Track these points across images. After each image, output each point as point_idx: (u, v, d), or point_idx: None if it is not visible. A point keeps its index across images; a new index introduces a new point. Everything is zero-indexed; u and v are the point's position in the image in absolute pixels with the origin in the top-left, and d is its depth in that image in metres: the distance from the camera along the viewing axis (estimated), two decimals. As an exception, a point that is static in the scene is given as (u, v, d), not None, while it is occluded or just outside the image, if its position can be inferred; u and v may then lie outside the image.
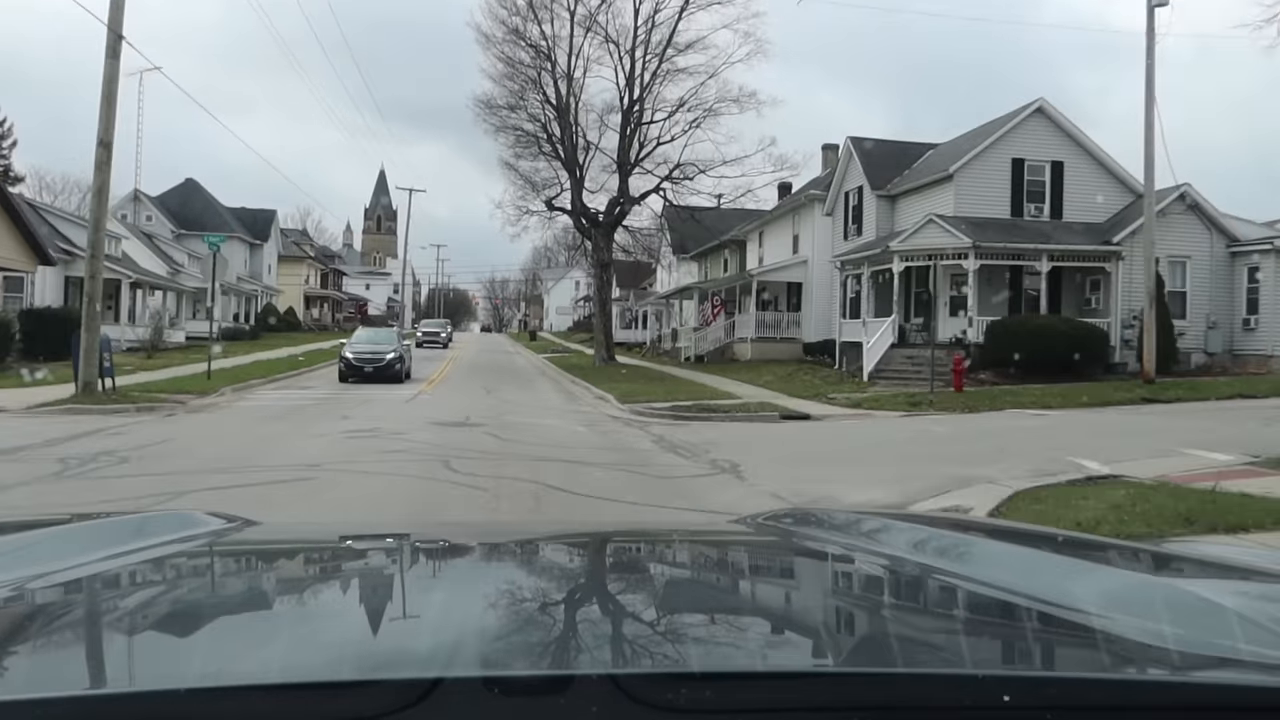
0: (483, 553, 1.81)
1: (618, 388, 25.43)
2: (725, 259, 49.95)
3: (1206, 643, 1.09)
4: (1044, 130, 27.85)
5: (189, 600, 1.41)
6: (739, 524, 2.48)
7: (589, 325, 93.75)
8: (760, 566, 1.83)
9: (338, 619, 1.29)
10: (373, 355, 26.29)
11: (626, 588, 1.58)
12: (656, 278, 67.12)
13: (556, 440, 13.54)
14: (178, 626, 1.23)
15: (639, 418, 18.80)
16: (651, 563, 1.84)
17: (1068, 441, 13.17)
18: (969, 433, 14.99)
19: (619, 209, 36.43)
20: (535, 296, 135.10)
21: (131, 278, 40.23)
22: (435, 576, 1.64)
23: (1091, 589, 1.37)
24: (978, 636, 1.26)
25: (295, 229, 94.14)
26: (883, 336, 26.37)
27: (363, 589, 1.52)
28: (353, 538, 2.03)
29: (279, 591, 1.51)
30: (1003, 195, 27.63)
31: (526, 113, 36.74)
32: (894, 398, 21.51)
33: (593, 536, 2.19)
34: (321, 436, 13.17)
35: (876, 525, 2.07)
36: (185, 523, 1.87)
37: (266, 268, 70.86)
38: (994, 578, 1.46)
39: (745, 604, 1.46)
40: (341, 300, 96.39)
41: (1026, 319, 25.16)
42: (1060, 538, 2.13)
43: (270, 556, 1.82)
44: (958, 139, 31.49)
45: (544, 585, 1.52)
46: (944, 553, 1.74)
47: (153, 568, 1.53)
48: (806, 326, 36.69)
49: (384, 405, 19.03)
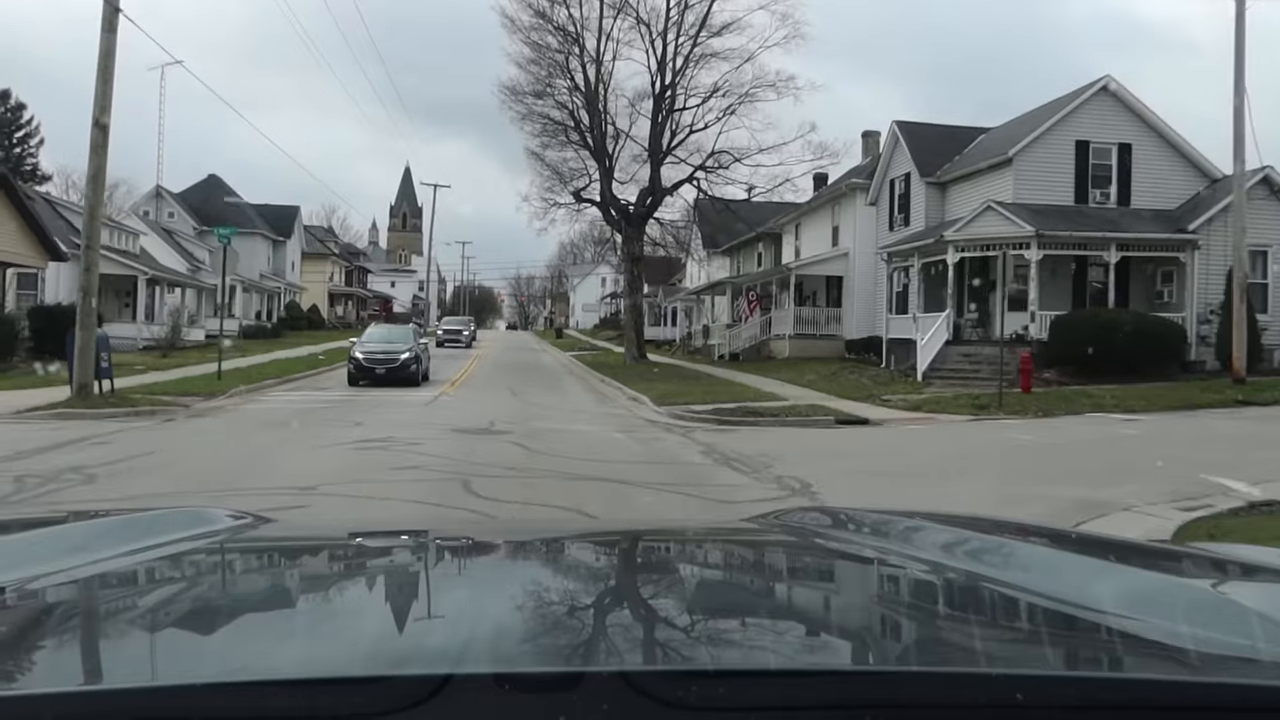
0: (496, 550, 1.81)
1: (652, 388, 23.78)
2: (759, 253, 48.13)
3: (1225, 642, 1.07)
4: (1110, 110, 25.87)
5: (201, 597, 1.40)
6: (752, 521, 2.51)
7: (615, 322, 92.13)
8: (773, 564, 1.81)
9: (350, 615, 1.27)
10: (385, 355, 23.85)
11: (638, 585, 1.56)
12: (686, 273, 65.39)
13: (592, 451, 11.91)
14: (190, 623, 1.23)
15: (679, 422, 17.15)
16: (663, 560, 1.83)
17: (1183, 454, 11.38)
18: (1062, 443, 13.20)
19: (650, 200, 34.73)
20: (561, 294, 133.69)
21: (148, 274, 39.07)
22: (448, 573, 1.64)
23: (1110, 588, 1.34)
24: (990, 635, 1.22)
25: (320, 226, 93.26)
26: (936, 333, 24.54)
27: (375, 586, 1.53)
28: (366, 535, 2.05)
29: (291, 588, 1.52)
30: (1065, 180, 25.68)
31: (554, 99, 35.17)
32: (955, 399, 19.71)
33: (606, 535, 2.21)
34: (326, 448, 11.61)
35: (891, 522, 2.02)
36: (199, 519, 1.86)
37: (290, 265, 69.84)
38: (1009, 576, 1.46)
39: (757, 601, 1.44)
40: (366, 298, 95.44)
41: (1095, 313, 23.24)
42: (1076, 535, 2.19)
43: (283, 554, 1.81)
44: (1014, 121, 29.54)
45: (556, 582, 1.52)
46: (959, 550, 1.70)
47: (166, 564, 1.52)
48: (848, 323, 34.85)
49: (401, 409, 17.48)
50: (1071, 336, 22.60)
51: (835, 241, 36.44)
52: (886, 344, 28.63)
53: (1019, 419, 17.09)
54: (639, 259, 35.57)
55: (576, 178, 36.60)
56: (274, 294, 63.51)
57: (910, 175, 30.33)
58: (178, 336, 38.43)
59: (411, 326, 29.29)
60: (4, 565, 1.36)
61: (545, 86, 35.01)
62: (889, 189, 31.94)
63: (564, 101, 35.33)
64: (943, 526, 1.90)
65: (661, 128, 34.66)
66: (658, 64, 34.58)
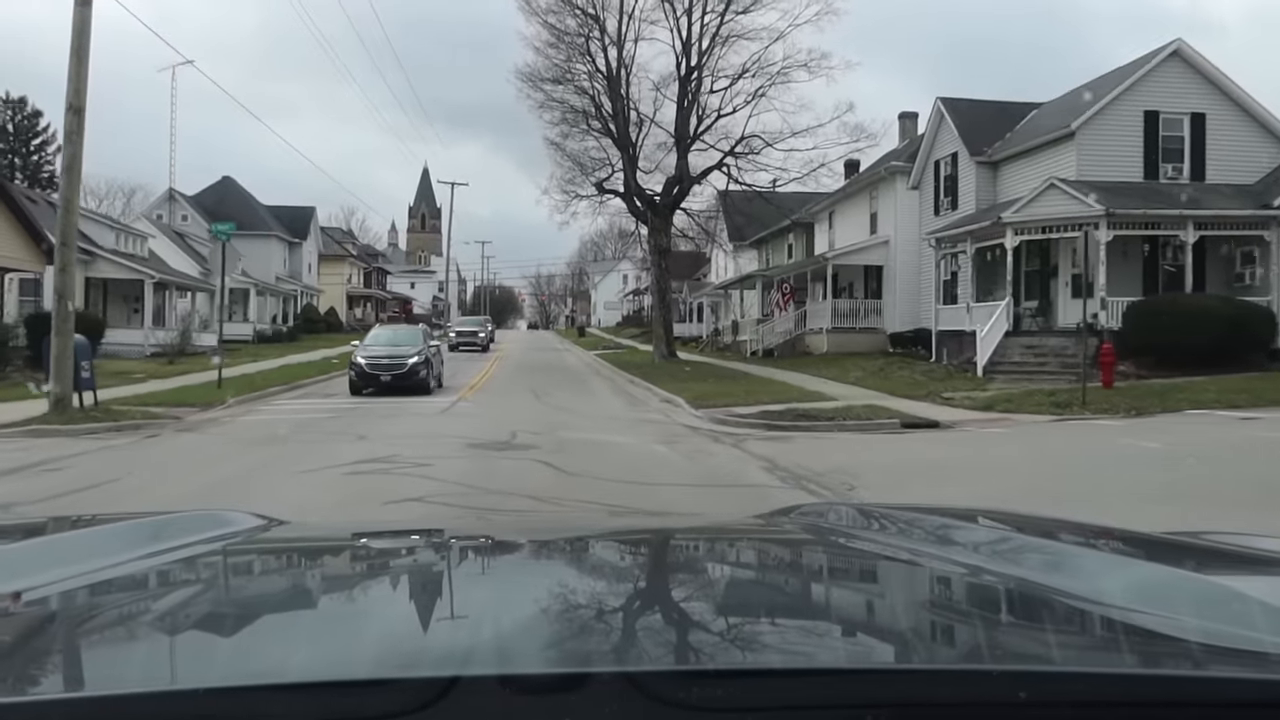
0: (507, 550, 1.80)
1: (686, 388, 21.89)
2: (789, 244, 46.07)
3: (1232, 635, 1.05)
4: (1181, 77, 23.69)
5: (210, 601, 1.41)
6: (764, 518, 2.41)
7: (639, 319, 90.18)
8: (781, 562, 1.81)
9: (359, 617, 1.27)
10: (391, 360, 21.31)
11: (646, 584, 1.57)
12: (711, 268, 63.37)
13: (634, 470, 10.04)
14: (198, 626, 1.22)
15: (723, 429, 15.25)
16: (672, 558, 1.82)
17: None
18: (1194, 450, 11.16)
19: (677, 189, 32.78)
20: (582, 291, 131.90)
21: (155, 277, 37.58)
22: (458, 574, 1.62)
23: (1118, 582, 1.32)
24: (997, 631, 1.23)
25: (337, 228, 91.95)
26: (995, 324, 22.48)
27: (385, 587, 1.55)
28: (377, 535, 2.05)
29: (301, 591, 1.52)
30: (1133, 154, 23.54)
31: (574, 85, 33.29)
32: (1028, 397, 17.68)
33: (616, 533, 2.18)
34: (316, 472, 9.79)
35: (900, 518, 2.00)
36: (217, 522, 1.86)
37: (306, 267, 68.43)
38: (1017, 571, 1.45)
39: (764, 600, 1.43)
40: (385, 299, 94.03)
41: (1175, 299, 21.10)
42: (1088, 528, 1.98)
43: (294, 557, 1.80)
44: (1072, 93, 27.37)
45: (565, 582, 1.50)
46: (968, 545, 1.68)
47: (176, 569, 1.53)
48: (889, 314, 32.80)
49: (412, 420, 15.68)
50: (1150, 325, 20.51)
51: (874, 229, 34.37)
52: (936, 336, 26.58)
53: (1110, 418, 15.07)
54: (666, 251, 33.61)
55: (599, 168, 34.75)
56: (290, 297, 62.08)
57: (957, 155, 28.24)
58: (188, 342, 36.93)
59: (421, 328, 26.67)
60: (22, 570, 1.37)
61: (564, 72, 33.18)
62: (933, 171, 29.85)
63: (584, 87, 33.50)
64: (954, 521, 1.92)
65: (688, 113, 32.71)
66: (683, 45, 32.66)
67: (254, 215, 62.38)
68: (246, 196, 65.16)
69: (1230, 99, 23.75)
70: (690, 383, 23.67)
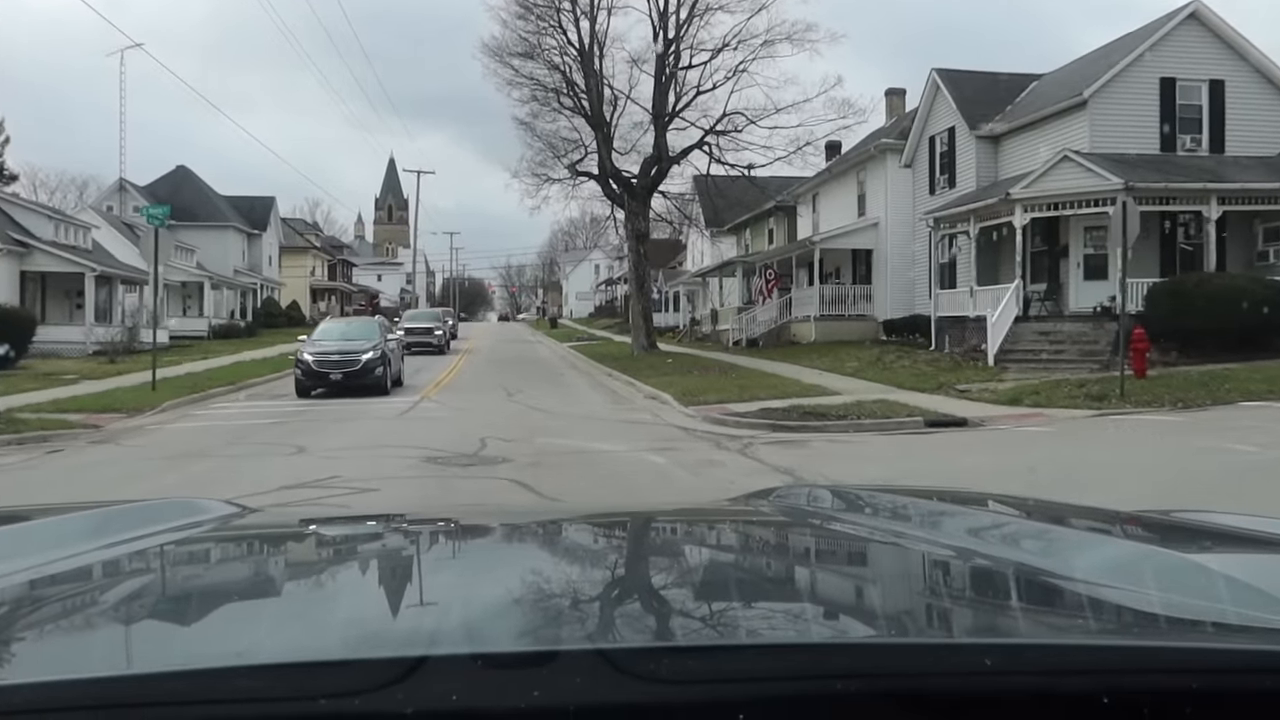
0: (480, 535, 1.82)
1: (672, 383, 20.02)
2: (770, 229, 44.30)
3: (1194, 606, 1.09)
4: (1199, 41, 22.05)
5: (180, 586, 1.42)
6: (740, 501, 2.48)
7: (612, 310, 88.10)
8: (754, 543, 1.81)
9: (330, 601, 1.28)
10: (343, 356, 18.82)
11: (617, 566, 1.56)
12: (687, 256, 61.51)
13: (631, 490, 8.17)
14: (170, 610, 1.23)
15: (723, 430, 13.40)
16: (643, 542, 1.80)
17: None
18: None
19: (656, 170, 30.79)
20: (553, 282, 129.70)
21: (96, 270, 35.09)
22: (431, 557, 1.64)
23: (1087, 557, 1.36)
24: (963, 606, 1.25)
25: (300, 219, 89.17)
26: (1005, 309, 20.75)
27: (356, 572, 1.54)
28: (351, 521, 2.16)
29: (272, 576, 1.53)
30: (1149, 125, 21.88)
31: (544, 60, 31.16)
32: (1055, 389, 15.96)
33: (589, 517, 2.18)
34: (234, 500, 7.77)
35: (876, 500, 2.05)
36: (189, 509, 1.88)
37: (267, 259, 65.78)
38: (984, 548, 1.49)
39: (737, 579, 1.43)
40: (351, 292, 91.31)
41: (1203, 280, 19.46)
42: (1060, 506, 2.07)
43: (266, 543, 1.80)
44: (1078, 62, 25.73)
45: (537, 565, 1.52)
46: (941, 525, 1.73)
47: (147, 556, 1.53)
48: (880, 301, 31.09)
49: (365, 426, 13.67)
50: (1175, 308, 18.85)
51: (862, 211, 32.62)
52: (935, 323, 24.84)
53: (1157, 412, 13.35)
54: (644, 236, 31.60)
55: (571, 150, 32.65)
56: (249, 290, 59.53)
57: (955, 130, 26.50)
58: (134, 339, 34.55)
59: (378, 320, 23.73)
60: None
61: (534, 47, 31.04)
62: (928, 147, 28.11)
63: (555, 63, 31.38)
64: (931, 502, 1.99)
65: (666, 88, 30.72)
66: (659, 15, 30.63)
67: (210, 205, 59.75)
68: (202, 186, 62.40)
69: (1251, 65, 22.15)
70: (675, 376, 21.79)
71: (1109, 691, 0.85)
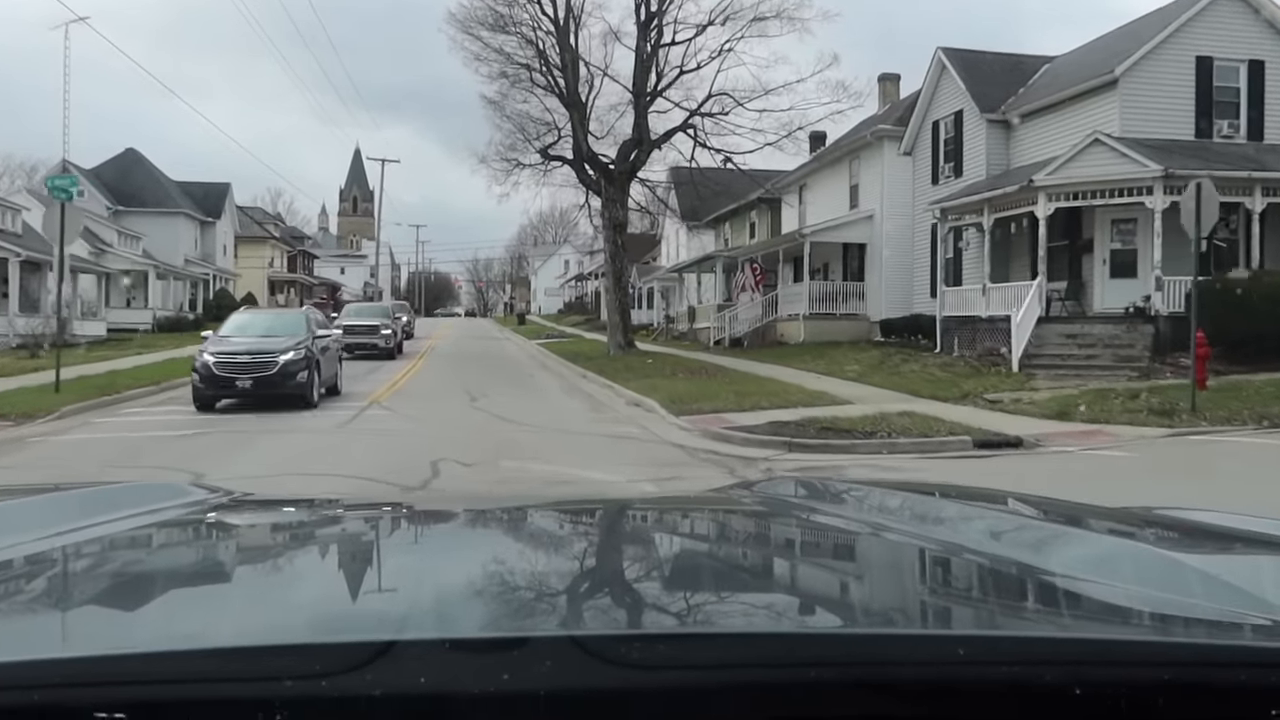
0: (455, 522, 1.79)
1: (656, 387, 17.73)
2: (752, 223, 42.15)
3: (1164, 600, 1.09)
4: (1237, 17, 20.10)
5: (149, 569, 1.40)
6: (721, 491, 2.55)
7: (582, 306, 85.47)
8: (730, 532, 1.79)
9: (301, 585, 1.28)
10: (253, 357, 14.85)
11: (591, 554, 1.55)
12: (662, 251, 59.17)
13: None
14: (134, 594, 1.22)
15: (730, 448, 11.15)
16: (619, 529, 1.79)
17: None
18: None
19: (635, 154, 28.42)
20: (521, 278, 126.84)
21: (21, 255, 32.09)
22: (405, 545, 1.63)
23: (1060, 551, 1.37)
24: (937, 597, 1.25)
25: (259, 208, 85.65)
26: (1029, 309, 18.66)
27: (331, 557, 1.53)
28: (328, 505, 2.03)
29: (244, 560, 1.51)
30: (1184, 108, 19.90)
31: (516, 34, 28.68)
32: (1102, 399, 13.85)
33: (566, 504, 2.18)
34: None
35: (858, 491, 2.06)
36: (167, 492, 1.89)
37: (221, 248, 62.60)
38: (962, 540, 1.48)
39: (712, 568, 1.44)
40: (312, 285, 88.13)
41: (1255, 279, 17.49)
42: (1042, 503, 2.01)
43: (239, 527, 1.79)
44: (1096, 43, 23.72)
45: (510, 552, 1.51)
46: (920, 517, 1.73)
47: (118, 537, 1.52)
48: (874, 299, 28.99)
49: (292, 441, 11.24)
50: (1223, 310, 16.82)
51: (854, 203, 30.50)
52: (941, 323, 22.74)
53: (1240, 431, 11.27)
54: (622, 225, 29.23)
55: (544, 133, 30.19)
56: (201, 281, 56.39)
57: (962, 114, 24.41)
58: (66, 331, 31.62)
59: (306, 312, 18.97)
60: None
61: (505, 18, 28.52)
62: (930, 133, 26.01)
63: (529, 36, 28.90)
64: (913, 495, 1.96)
65: (648, 66, 28.36)
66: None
67: (160, 191, 56.58)
68: (153, 170, 59.14)
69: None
70: (659, 379, 19.51)
71: (1082, 684, 0.85)
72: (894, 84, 33.67)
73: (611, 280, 29.24)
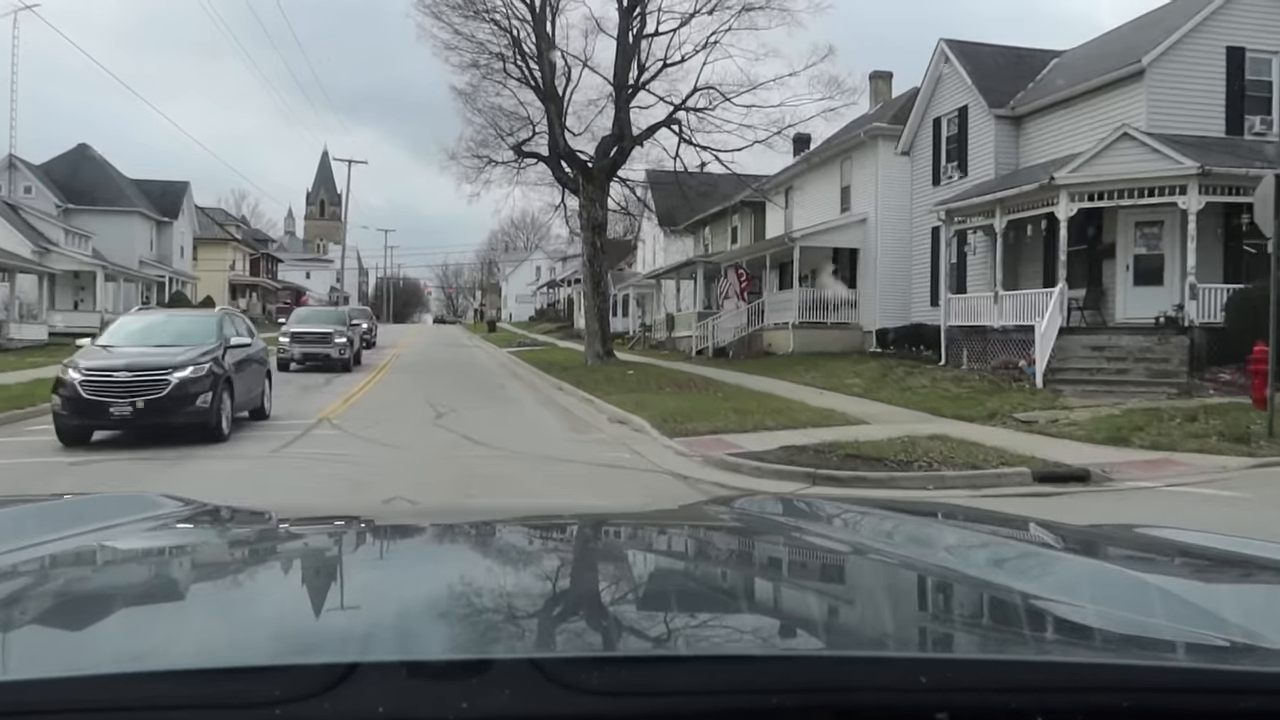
0: (421, 536, 1.75)
1: (643, 402, 15.91)
2: (733, 227, 40.49)
3: (1129, 621, 1.08)
4: (1269, 6, 18.65)
5: (102, 585, 1.36)
6: (693, 507, 2.45)
7: (554, 313, 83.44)
8: (702, 551, 1.75)
9: (263, 604, 1.24)
10: (135, 376, 11.42)
11: (559, 572, 1.50)
12: (638, 256, 57.42)
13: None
14: (83, 612, 1.18)
15: (741, 479, 9.37)
16: (588, 546, 1.73)
17: None
18: None
19: (616, 149, 26.57)
20: (492, 285, 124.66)
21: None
22: (370, 562, 1.58)
23: (1034, 574, 1.36)
24: (905, 620, 1.23)
25: (220, 209, 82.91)
26: (1051, 318, 17.03)
27: (293, 574, 1.49)
28: (295, 521, 1.96)
29: (205, 577, 1.47)
30: (1214, 102, 18.41)
31: (489, 20, 26.76)
32: (1154, 420, 12.19)
33: (536, 519, 2.08)
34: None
35: (836, 510, 2.04)
36: (137, 505, 1.86)
37: (178, 250, 60.05)
38: (934, 560, 1.46)
39: (680, 588, 1.40)
40: (275, 289, 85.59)
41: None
42: (1022, 523, 1.93)
43: (204, 542, 1.74)
44: (1112, 34, 22.27)
45: (477, 570, 1.47)
46: (895, 538, 1.70)
47: (79, 553, 1.47)
48: (867, 307, 27.36)
49: (210, 469, 9.24)
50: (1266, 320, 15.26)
51: (846, 205, 28.90)
52: (947, 334, 21.09)
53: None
54: (602, 226, 27.31)
55: (518, 129, 28.30)
56: (156, 283, 53.84)
57: (968, 109, 22.83)
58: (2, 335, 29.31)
59: (218, 315, 14.08)
60: None
61: (476, 3, 26.58)
62: (931, 131, 24.42)
63: (502, 24, 27.00)
64: (892, 513, 1.92)
65: (630, 55, 26.56)
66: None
67: (114, 188, 54.05)
68: (106, 167, 56.56)
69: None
70: (644, 393, 17.67)
71: (1045, 711, 0.84)
72: (886, 82, 32.17)
73: (589, 285, 27.35)
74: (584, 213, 26.60)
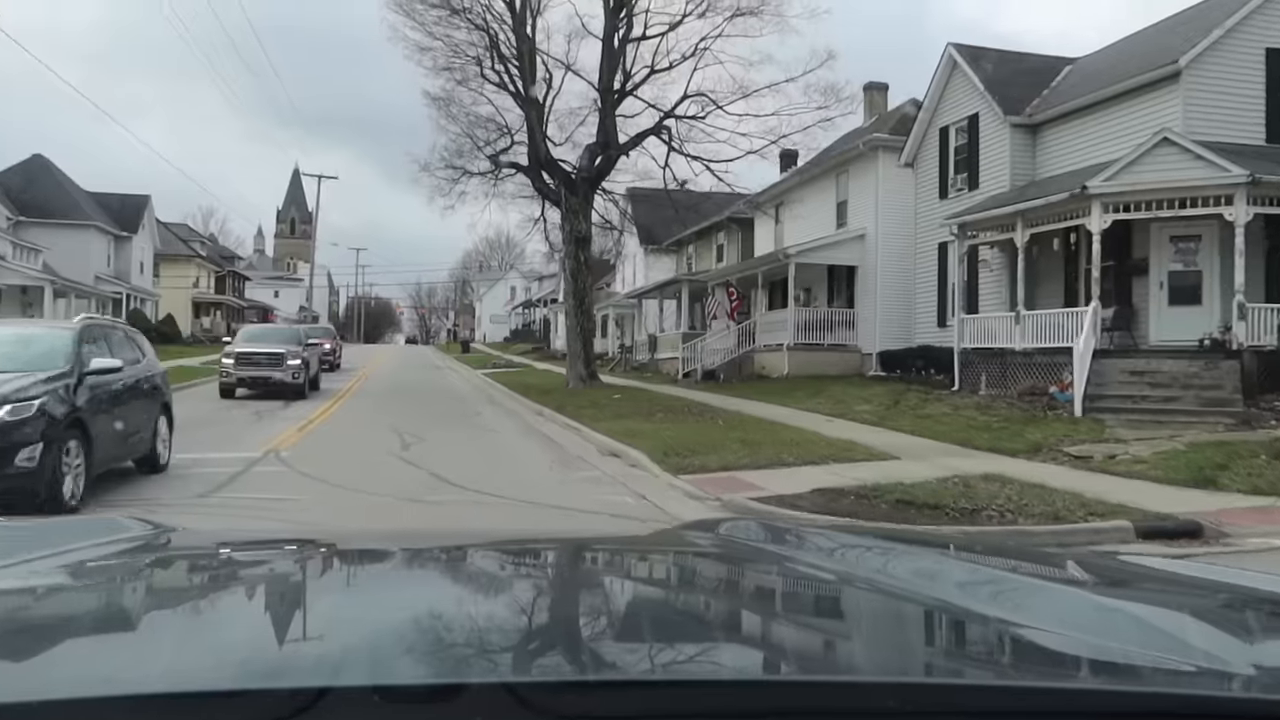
0: (393, 560, 1.72)
1: (636, 432, 14.17)
2: (719, 245, 38.96)
3: (1099, 646, 1.09)
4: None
5: (69, 608, 1.34)
6: (668, 532, 2.38)
7: (529, 334, 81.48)
8: (677, 575, 1.74)
9: (232, 628, 1.22)
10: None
11: (536, 597, 1.49)
12: (617, 276, 55.71)
13: None
14: (49, 635, 1.15)
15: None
16: (564, 571, 1.72)
17: None
18: None
19: (602, 159, 24.90)
20: (466, 305, 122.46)
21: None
22: (342, 584, 1.57)
23: (1010, 601, 1.35)
24: (876, 644, 1.23)
25: (184, 224, 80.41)
26: (1086, 340, 15.44)
27: (262, 597, 1.44)
28: (266, 545, 1.95)
29: (173, 600, 1.44)
30: (1253, 108, 17.01)
31: (465, 19, 25.05)
32: (1234, 458, 10.56)
33: (507, 543, 2.04)
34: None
35: (821, 538, 1.97)
36: (105, 528, 1.79)
37: (138, 266, 57.67)
38: (909, 587, 1.45)
39: (653, 613, 1.39)
40: (241, 308, 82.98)
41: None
42: (1002, 551, 1.98)
43: (171, 565, 1.70)
44: (1135, 37, 20.90)
45: (451, 592, 1.47)
46: (872, 564, 1.70)
47: (48, 575, 1.45)
48: (866, 328, 25.78)
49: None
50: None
51: (842, 221, 27.38)
52: (960, 356, 19.49)
53: None
54: (586, 240, 25.55)
55: (496, 138, 26.58)
56: (113, 300, 51.43)
57: (978, 118, 21.37)
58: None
59: (74, 331, 9.27)
60: None
61: (452, 1, 24.87)
62: (938, 141, 22.94)
63: (479, 23, 25.29)
64: (869, 541, 1.92)
65: (616, 60, 24.94)
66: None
67: (68, 201, 51.72)
68: (62, 179, 54.18)
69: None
70: (636, 421, 15.93)
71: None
72: (881, 94, 30.75)
73: (572, 302, 25.58)
74: (566, 225, 24.86)
